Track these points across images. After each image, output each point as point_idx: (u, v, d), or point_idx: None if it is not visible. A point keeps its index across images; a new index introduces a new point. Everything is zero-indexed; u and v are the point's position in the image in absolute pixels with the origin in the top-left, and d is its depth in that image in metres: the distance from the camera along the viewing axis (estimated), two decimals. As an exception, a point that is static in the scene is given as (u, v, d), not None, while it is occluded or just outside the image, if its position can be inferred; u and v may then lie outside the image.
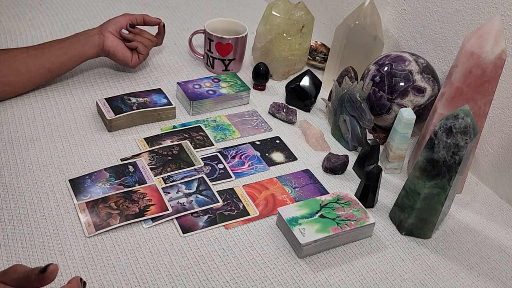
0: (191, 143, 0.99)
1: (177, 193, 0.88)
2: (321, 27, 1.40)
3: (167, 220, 0.84)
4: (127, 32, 1.10)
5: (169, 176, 0.91)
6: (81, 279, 0.59)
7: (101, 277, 0.74)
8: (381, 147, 1.05)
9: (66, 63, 1.05)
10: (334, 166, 0.97)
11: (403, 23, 1.15)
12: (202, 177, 0.92)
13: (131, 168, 0.91)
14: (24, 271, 0.57)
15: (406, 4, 1.13)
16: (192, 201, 0.87)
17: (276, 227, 0.86)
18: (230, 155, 0.98)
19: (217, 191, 0.89)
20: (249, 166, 0.97)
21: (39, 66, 1.02)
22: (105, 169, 0.90)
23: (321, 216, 0.83)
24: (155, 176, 0.91)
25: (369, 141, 0.95)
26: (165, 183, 0.90)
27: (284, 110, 1.09)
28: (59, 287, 0.60)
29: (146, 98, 1.05)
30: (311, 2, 1.39)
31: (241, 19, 1.28)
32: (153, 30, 1.17)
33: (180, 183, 0.90)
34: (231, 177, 0.93)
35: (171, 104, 1.05)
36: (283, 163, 0.99)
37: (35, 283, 0.56)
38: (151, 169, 0.92)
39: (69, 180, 0.88)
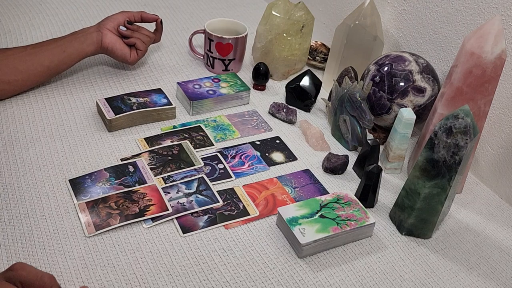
0: (191, 143, 0.99)
1: (177, 193, 0.88)
2: (321, 27, 1.40)
3: (167, 220, 0.84)
4: (125, 29, 1.10)
5: (169, 176, 0.91)
6: None
7: (101, 277, 0.74)
8: (381, 147, 1.05)
9: (65, 61, 1.05)
10: (334, 166, 0.97)
11: (403, 23, 1.15)
12: (202, 177, 0.92)
13: (131, 168, 0.91)
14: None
15: (406, 4, 1.13)
16: (192, 201, 0.87)
17: (276, 227, 0.86)
18: (230, 155, 0.98)
19: (217, 191, 0.89)
20: (249, 166, 0.97)
21: (38, 64, 1.02)
22: (105, 169, 0.90)
23: (321, 216, 0.83)
24: (155, 176, 0.91)
25: (369, 141, 0.94)
26: (165, 183, 0.90)
27: (284, 110, 1.09)
28: None
29: (146, 98, 1.05)
30: (311, 2, 1.38)
31: (241, 19, 1.28)
32: (151, 27, 1.17)
33: (180, 183, 0.90)
34: (231, 177, 0.93)
35: (171, 104, 1.05)
36: (283, 163, 0.99)
37: None
38: (151, 169, 0.92)
39: (69, 180, 0.88)
